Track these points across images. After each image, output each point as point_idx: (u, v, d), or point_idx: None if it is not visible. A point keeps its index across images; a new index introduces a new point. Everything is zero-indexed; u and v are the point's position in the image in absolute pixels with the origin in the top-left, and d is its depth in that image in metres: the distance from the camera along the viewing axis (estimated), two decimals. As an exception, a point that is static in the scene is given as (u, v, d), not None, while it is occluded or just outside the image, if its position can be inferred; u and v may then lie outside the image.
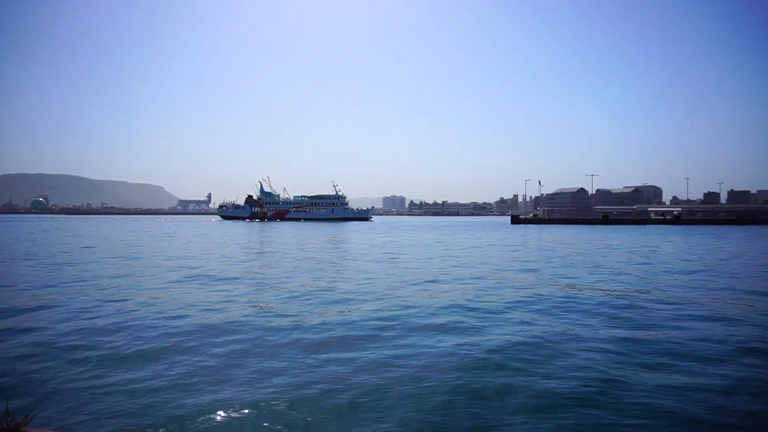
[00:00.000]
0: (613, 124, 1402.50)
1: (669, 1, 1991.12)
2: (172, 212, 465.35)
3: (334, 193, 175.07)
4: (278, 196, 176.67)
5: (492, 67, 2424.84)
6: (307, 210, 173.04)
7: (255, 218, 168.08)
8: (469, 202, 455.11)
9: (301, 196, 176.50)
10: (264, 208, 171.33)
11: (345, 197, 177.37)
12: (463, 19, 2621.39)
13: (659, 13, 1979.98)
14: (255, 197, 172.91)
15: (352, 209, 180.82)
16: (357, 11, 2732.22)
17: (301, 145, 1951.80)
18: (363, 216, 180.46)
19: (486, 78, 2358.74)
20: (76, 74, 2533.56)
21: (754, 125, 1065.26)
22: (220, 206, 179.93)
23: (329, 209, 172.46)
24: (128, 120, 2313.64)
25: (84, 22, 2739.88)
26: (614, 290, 19.60)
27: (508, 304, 16.37)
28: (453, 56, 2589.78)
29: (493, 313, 15.07)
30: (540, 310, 15.59)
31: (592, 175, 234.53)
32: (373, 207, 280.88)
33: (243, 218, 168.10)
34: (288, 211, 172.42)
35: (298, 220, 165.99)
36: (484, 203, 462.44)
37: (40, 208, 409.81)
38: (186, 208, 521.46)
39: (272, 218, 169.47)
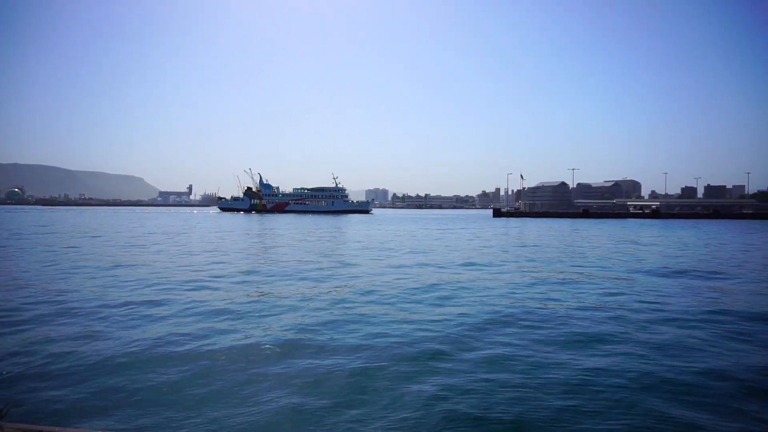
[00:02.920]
0: (594, 119, 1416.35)
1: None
2: (152, 204, 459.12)
3: (334, 185, 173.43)
4: (278, 188, 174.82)
5: (475, 62, 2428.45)
6: (307, 202, 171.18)
7: (254, 210, 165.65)
8: (451, 195, 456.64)
9: (301, 188, 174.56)
10: (263, 201, 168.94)
11: (345, 190, 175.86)
12: (444, 15, 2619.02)
13: (640, 10, 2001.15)
14: (254, 189, 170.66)
15: (352, 202, 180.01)
16: (337, 9, 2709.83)
17: (283, 138, 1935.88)
18: (363, 209, 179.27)
19: (468, 73, 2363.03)
20: (53, 63, 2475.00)
21: (731, 122, 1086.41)
22: (219, 198, 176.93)
23: (329, 202, 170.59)
24: (106, 109, 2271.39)
25: (65, 9, 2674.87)
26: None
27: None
28: (436, 51, 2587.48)
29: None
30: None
31: (573, 170, 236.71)
32: (374, 200, 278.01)
33: (242, 210, 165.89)
34: (287, 204, 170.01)
35: (297, 212, 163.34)
36: (467, 196, 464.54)
37: (15, 199, 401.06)
38: (167, 200, 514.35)
39: (271, 210, 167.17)
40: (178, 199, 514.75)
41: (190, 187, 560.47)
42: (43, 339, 11.28)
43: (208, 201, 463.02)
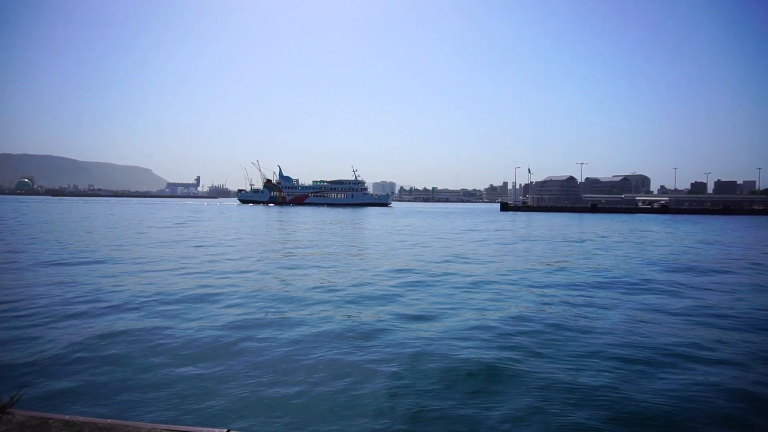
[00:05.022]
0: (603, 113, 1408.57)
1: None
2: (161, 195, 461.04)
3: (353, 178, 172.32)
4: (297, 180, 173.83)
5: (484, 57, 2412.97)
6: (327, 195, 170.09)
7: (273, 202, 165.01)
8: (458, 188, 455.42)
9: (320, 181, 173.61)
10: (283, 193, 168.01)
11: (364, 182, 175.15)
12: (451, 9, 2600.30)
13: (649, 5, 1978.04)
14: (273, 181, 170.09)
15: (372, 194, 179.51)
16: (344, 3, 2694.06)
17: (288, 131, 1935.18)
18: (382, 201, 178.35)
19: (478, 67, 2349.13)
20: (62, 55, 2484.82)
21: (742, 117, 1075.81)
22: (239, 190, 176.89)
23: (348, 194, 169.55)
24: (114, 101, 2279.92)
25: (72, 3, 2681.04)
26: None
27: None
28: (444, 45, 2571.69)
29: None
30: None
31: (582, 164, 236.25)
32: (394, 192, 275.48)
33: (261, 202, 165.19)
34: (307, 196, 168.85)
35: (317, 205, 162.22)
36: (474, 190, 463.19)
37: (25, 189, 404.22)
38: (174, 191, 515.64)
39: (291, 203, 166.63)
40: (186, 191, 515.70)
41: (198, 179, 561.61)
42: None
43: (215, 192, 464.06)
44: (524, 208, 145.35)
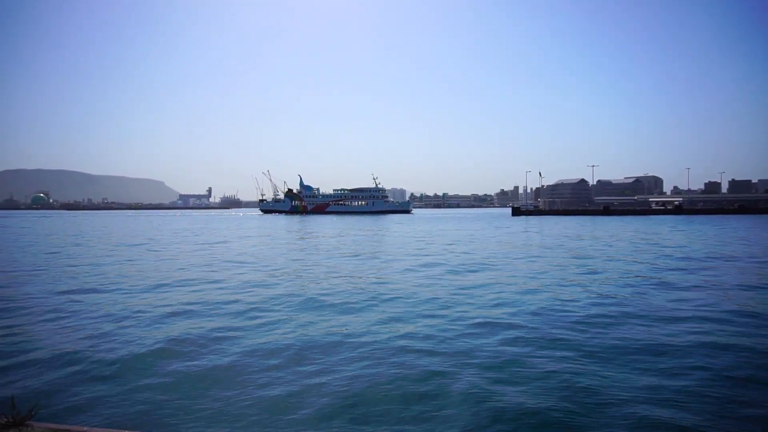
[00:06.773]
0: (614, 114, 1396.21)
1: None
2: (173, 207, 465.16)
3: (374, 185, 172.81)
4: (317, 189, 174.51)
5: (492, 59, 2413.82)
6: (347, 203, 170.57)
7: (295, 212, 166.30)
8: (469, 194, 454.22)
9: (341, 189, 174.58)
10: (304, 202, 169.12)
11: (385, 190, 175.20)
12: (461, 10, 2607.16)
13: (660, 4, 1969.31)
14: (295, 191, 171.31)
15: (393, 202, 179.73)
16: (352, 5, 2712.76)
17: (301, 139, 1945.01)
18: (403, 209, 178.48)
19: (486, 70, 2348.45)
20: (74, 69, 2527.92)
21: (756, 115, 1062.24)
22: (260, 200, 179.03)
23: (369, 202, 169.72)
24: (127, 115, 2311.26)
25: (81, 15, 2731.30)
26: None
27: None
28: (452, 48, 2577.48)
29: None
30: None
31: (593, 166, 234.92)
32: (406, 199, 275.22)
33: (283, 212, 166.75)
34: (328, 205, 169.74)
35: (338, 213, 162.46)
36: (485, 195, 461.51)
37: (40, 204, 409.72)
38: (187, 203, 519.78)
39: (312, 212, 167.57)
40: (198, 202, 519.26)
41: (210, 190, 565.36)
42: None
43: (227, 203, 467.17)
44: (536, 212, 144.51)
